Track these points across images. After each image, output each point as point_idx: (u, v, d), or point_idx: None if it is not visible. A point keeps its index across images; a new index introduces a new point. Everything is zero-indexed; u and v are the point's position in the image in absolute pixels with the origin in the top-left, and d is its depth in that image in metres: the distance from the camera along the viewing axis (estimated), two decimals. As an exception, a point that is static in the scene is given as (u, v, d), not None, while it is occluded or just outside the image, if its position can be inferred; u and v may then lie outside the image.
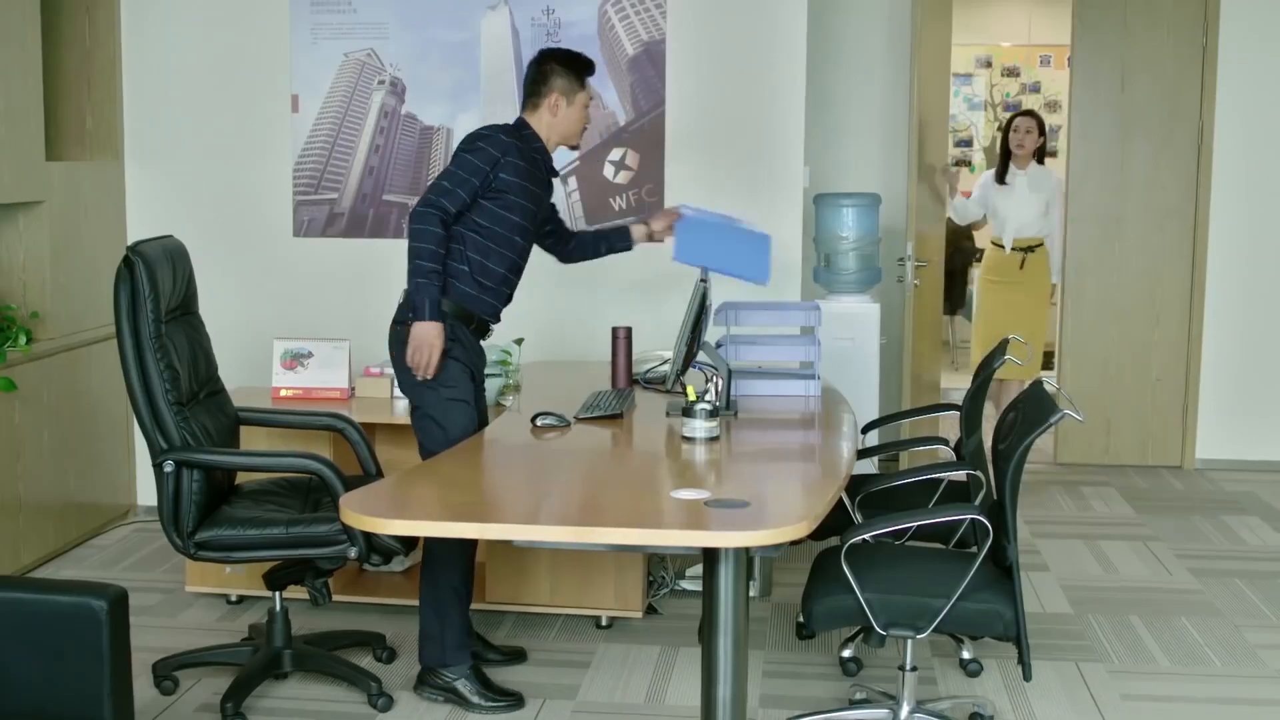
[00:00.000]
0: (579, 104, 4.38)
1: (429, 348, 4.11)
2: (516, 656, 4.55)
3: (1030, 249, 7.22)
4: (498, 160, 4.18)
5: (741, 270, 4.63)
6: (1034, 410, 3.66)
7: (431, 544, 4.17)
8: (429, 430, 4.22)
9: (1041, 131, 7.16)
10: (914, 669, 3.88)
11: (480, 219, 4.22)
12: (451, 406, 4.21)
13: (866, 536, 3.67)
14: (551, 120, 4.35)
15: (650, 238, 4.85)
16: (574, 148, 4.60)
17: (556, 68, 4.35)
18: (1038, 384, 3.85)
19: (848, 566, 3.54)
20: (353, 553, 3.97)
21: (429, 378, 4.15)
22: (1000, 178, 7.23)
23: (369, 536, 3.94)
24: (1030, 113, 7.28)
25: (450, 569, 4.19)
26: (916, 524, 3.98)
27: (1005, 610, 3.57)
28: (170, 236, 4.36)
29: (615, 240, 4.87)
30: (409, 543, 4.13)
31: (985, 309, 7.37)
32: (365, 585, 5.07)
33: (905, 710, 3.89)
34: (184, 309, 4.30)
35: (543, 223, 4.57)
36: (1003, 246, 7.23)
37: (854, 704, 4.17)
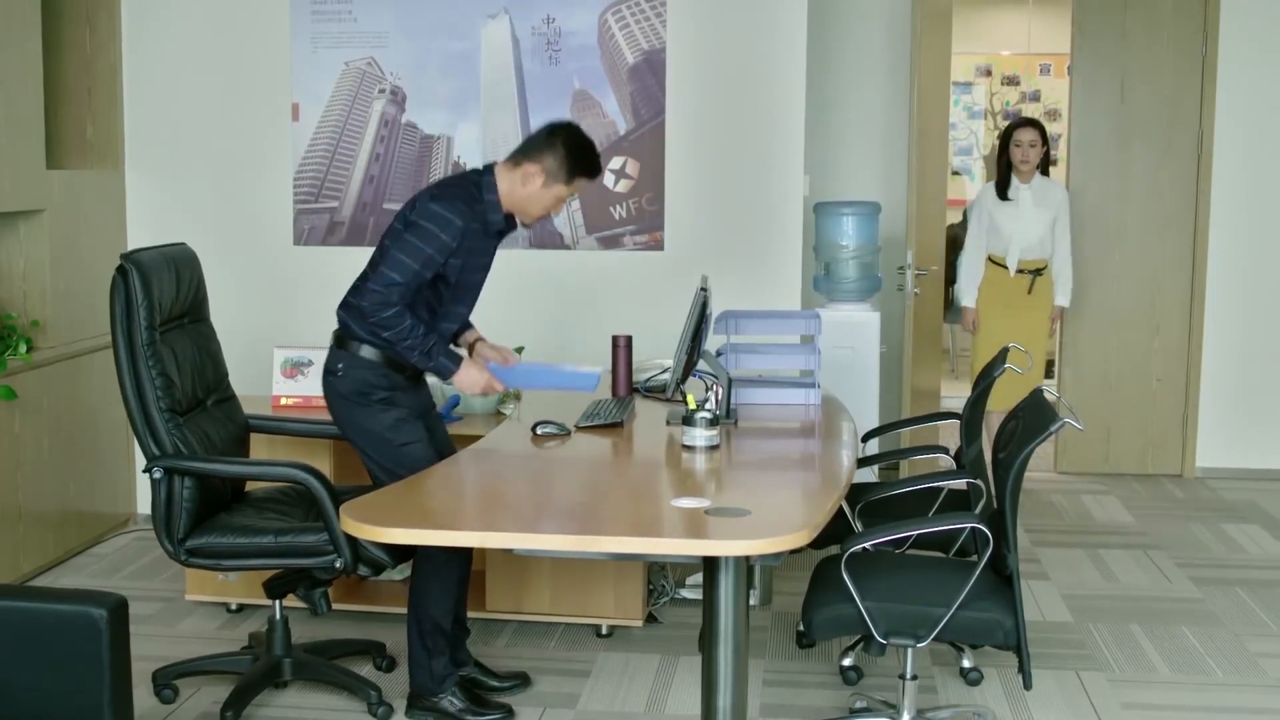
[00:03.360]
0: (553, 194, 4.10)
1: (479, 385, 4.09)
2: (521, 682, 4.43)
3: (1038, 271, 6.62)
4: (452, 249, 4.00)
5: (567, 384, 4.37)
6: (1034, 419, 3.66)
7: (419, 574, 4.12)
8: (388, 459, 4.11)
9: (1045, 141, 6.57)
10: (914, 678, 3.88)
11: (428, 290, 4.11)
12: (402, 451, 4.07)
13: (867, 545, 3.67)
14: (519, 188, 4.09)
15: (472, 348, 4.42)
16: (525, 225, 4.27)
17: (559, 147, 4.07)
18: (1038, 392, 3.85)
19: (848, 575, 3.54)
20: (338, 564, 3.96)
21: (508, 388, 4.18)
22: (1002, 193, 6.59)
23: (356, 548, 3.94)
24: (1032, 122, 6.66)
25: (437, 602, 4.10)
26: (917, 533, 3.98)
27: (1005, 619, 3.57)
28: (181, 244, 4.38)
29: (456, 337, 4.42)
30: (400, 555, 4.11)
31: (987, 336, 6.55)
32: (366, 594, 5.07)
33: (906, 719, 3.89)
34: (193, 316, 4.32)
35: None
36: (1005, 267, 6.60)
37: (854, 713, 4.17)
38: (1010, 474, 3.57)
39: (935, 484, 4.31)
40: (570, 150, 4.07)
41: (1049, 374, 8.63)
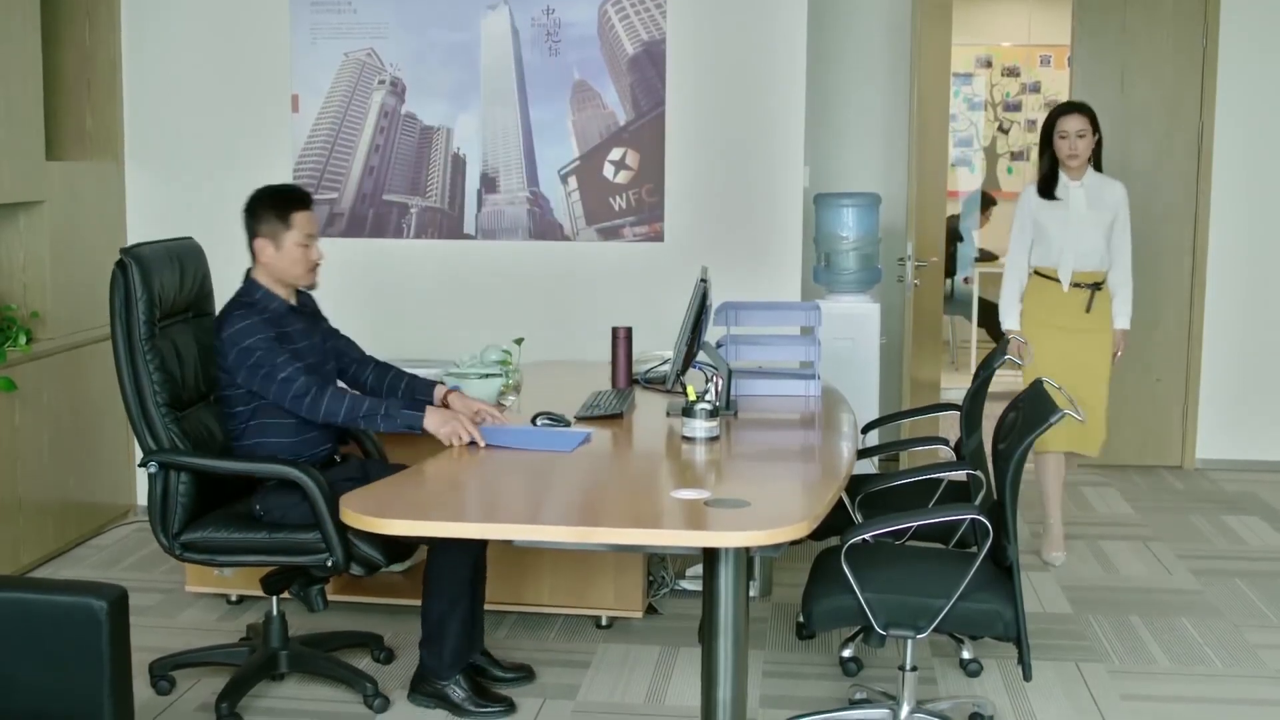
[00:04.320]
0: (290, 244, 4.15)
1: (456, 427, 4.00)
2: (525, 675, 4.43)
3: (1097, 285, 5.57)
4: (275, 339, 4.06)
5: (547, 444, 4.07)
6: (1034, 410, 3.66)
7: (432, 559, 4.12)
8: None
9: (1096, 128, 5.53)
10: (914, 669, 3.88)
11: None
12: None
13: (866, 536, 3.67)
14: (267, 267, 4.17)
15: (445, 402, 4.36)
16: (310, 287, 4.31)
17: (255, 210, 4.18)
18: (1038, 384, 3.85)
19: (848, 566, 3.54)
20: (330, 563, 3.96)
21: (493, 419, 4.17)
22: (1047, 192, 5.59)
23: (348, 547, 3.94)
24: (1079, 107, 5.61)
25: (451, 587, 4.11)
26: (917, 524, 3.98)
27: (1005, 610, 3.57)
28: (187, 239, 4.41)
29: (419, 391, 4.41)
30: (396, 554, 4.11)
31: (1039, 366, 5.48)
32: (365, 585, 5.06)
33: (905, 710, 3.89)
34: (197, 310, 4.34)
35: (343, 361, 4.44)
36: (1057, 280, 5.58)
37: (854, 704, 4.17)
38: (1010, 465, 3.57)
39: (935, 475, 4.31)
40: (263, 204, 4.18)
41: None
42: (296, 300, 4.30)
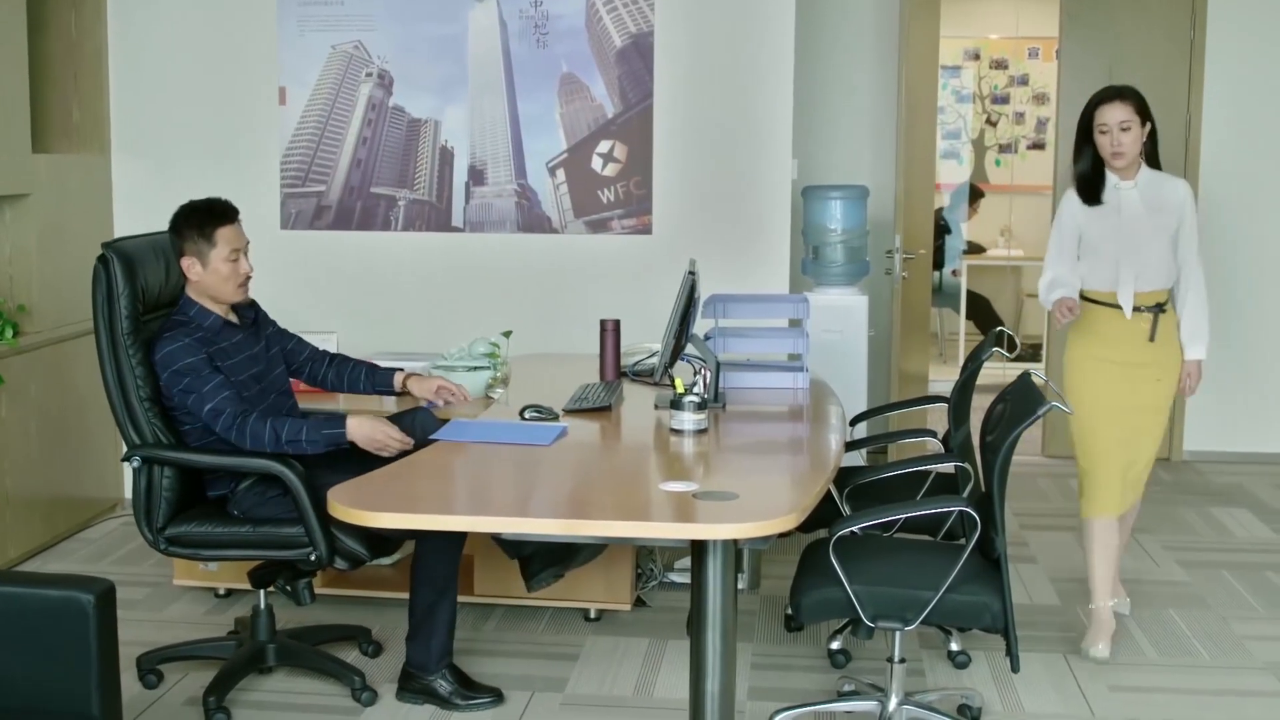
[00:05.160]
0: (216, 261, 4.09)
1: (383, 438, 4.03)
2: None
3: (1160, 307, 4.53)
4: (208, 359, 4.02)
5: (522, 438, 4.01)
6: (1021, 403, 3.66)
7: (419, 554, 4.12)
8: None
9: (1147, 117, 4.49)
10: (902, 661, 3.89)
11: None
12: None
13: (854, 529, 3.67)
14: (197, 285, 4.12)
15: (404, 387, 4.46)
16: (247, 303, 4.27)
17: (179, 229, 4.12)
18: (1025, 376, 3.85)
19: (836, 558, 3.55)
20: (313, 557, 3.96)
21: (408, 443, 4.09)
22: (1091, 196, 4.55)
23: (331, 541, 3.94)
24: (1121, 93, 4.49)
25: (437, 581, 4.12)
26: (904, 516, 3.98)
27: (993, 602, 3.57)
28: None
29: (380, 381, 4.48)
30: (380, 549, 4.10)
31: (1093, 410, 4.56)
32: (353, 579, 5.06)
33: (894, 702, 3.90)
34: None
35: (291, 365, 4.43)
36: (1114, 306, 4.52)
37: (843, 695, 4.18)
38: (998, 458, 3.58)
39: (925, 468, 4.32)
40: (185, 223, 4.12)
41: (1036, 358, 8.65)
42: (235, 313, 4.25)
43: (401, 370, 4.42)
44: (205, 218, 4.13)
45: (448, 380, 4.32)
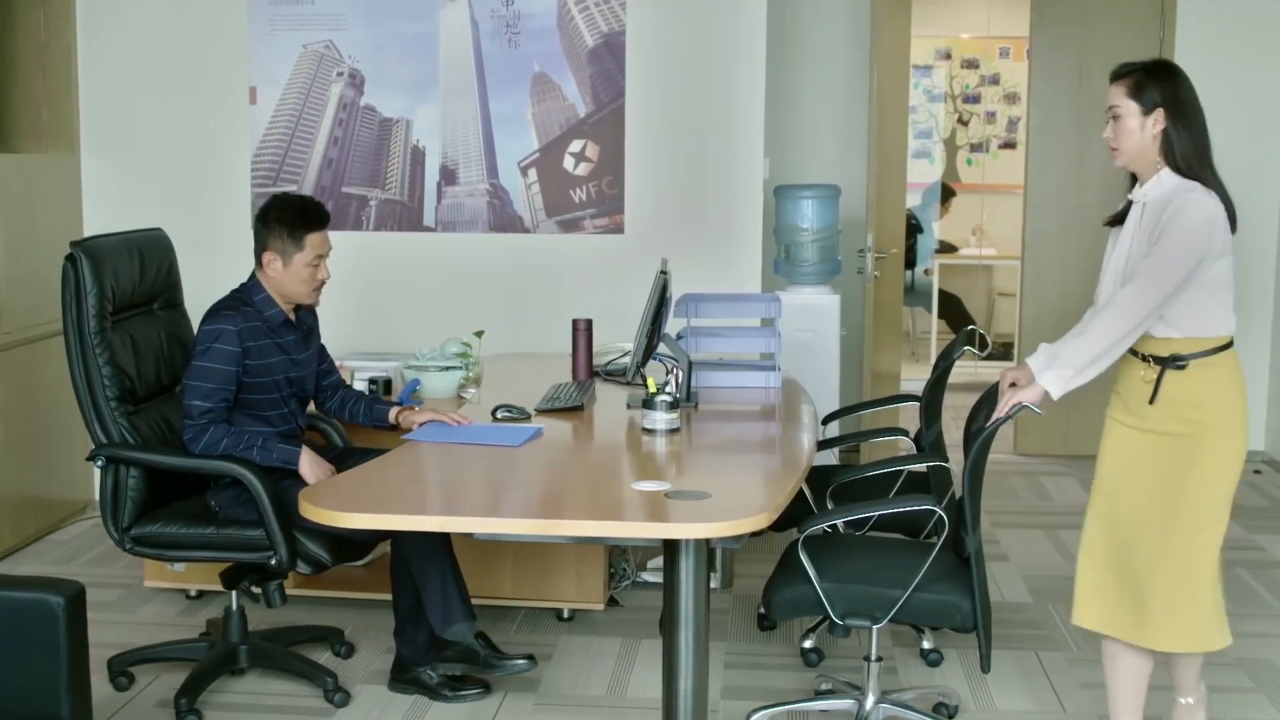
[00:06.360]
0: (298, 264, 4.07)
1: (321, 472, 4.01)
2: (529, 662, 4.30)
3: (1175, 360, 3.49)
4: (238, 355, 4.00)
5: (486, 439, 4.01)
6: (995, 402, 3.67)
7: (402, 552, 4.11)
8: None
9: (1153, 102, 3.71)
10: (879, 659, 3.90)
11: (247, 397, 4.10)
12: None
13: (825, 526, 3.68)
14: (273, 280, 4.11)
15: (397, 421, 4.39)
16: (310, 306, 4.27)
17: (272, 224, 4.08)
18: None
19: (807, 557, 3.55)
20: (273, 561, 3.95)
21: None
22: (1118, 214, 3.68)
23: (293, 545, 3.93)
24: (1123, 71, 3.72)
25: (421, 577, 4.09)
26: (875, 514, 3.99)
27: (963, 602, 3.58)
28: (155, 230, 4.40)
29: (376, 415, 4.43)
30: (344, 554, 4.10)
31: (1114, 478, 3.83)
32: (326, 579, 5.03)
33: (870, 700, 3.91)
34: (163, 302, 4.34)
35: (324, 381, 4.45)
36: (1133, 352, 3.57)
37: (820, 694, 4.18)
38: (969, 456, 3.59)
39: (908, 467, 4.33)
40: (281, 219, 4.08)
41: (1008, 356, 8.68)
42: (295, 315, 4.24)
43: (397, 405, 4.43)
44: (297, 221, 4.08)
45: (439, 412, 4.28)
